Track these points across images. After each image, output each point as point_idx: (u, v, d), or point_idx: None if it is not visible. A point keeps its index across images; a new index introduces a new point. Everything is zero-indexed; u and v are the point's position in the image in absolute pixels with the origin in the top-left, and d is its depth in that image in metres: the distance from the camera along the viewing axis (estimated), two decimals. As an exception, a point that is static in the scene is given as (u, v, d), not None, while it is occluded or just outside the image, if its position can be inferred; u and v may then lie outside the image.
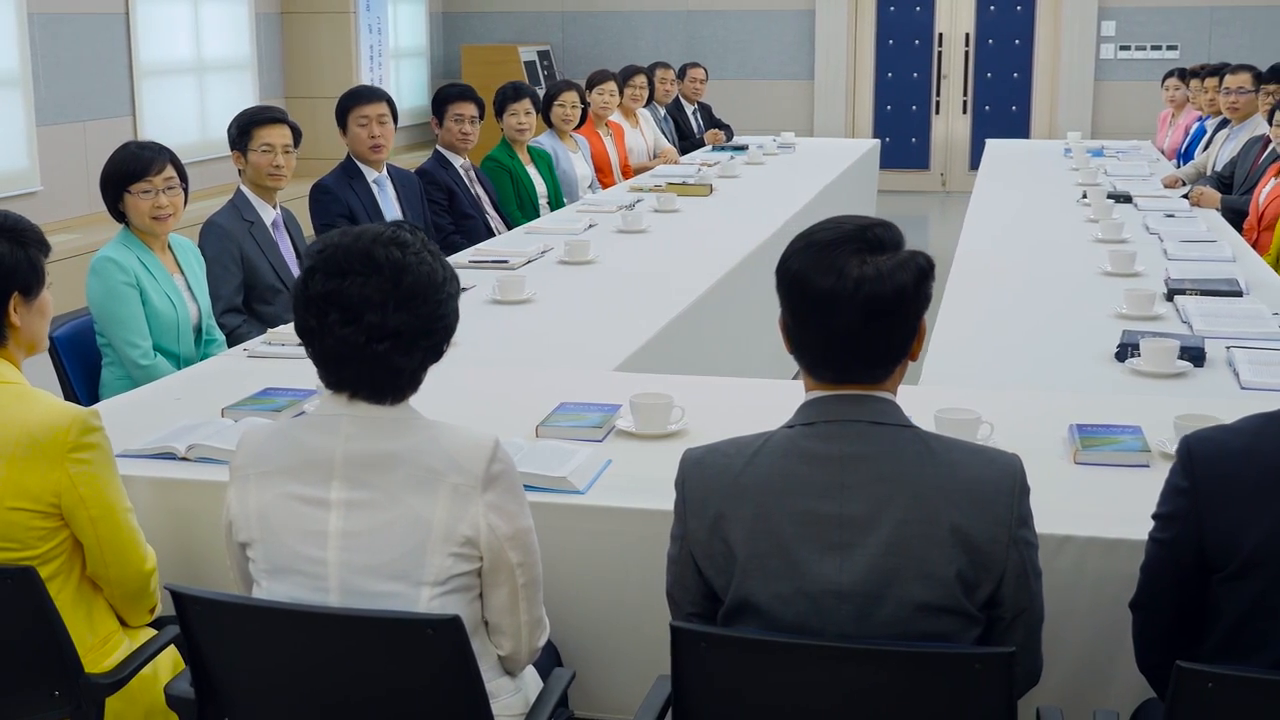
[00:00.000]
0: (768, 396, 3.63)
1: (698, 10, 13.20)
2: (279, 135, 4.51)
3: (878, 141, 9.93)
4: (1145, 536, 2.45)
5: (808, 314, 2.00)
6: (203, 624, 2.15)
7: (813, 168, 8.19)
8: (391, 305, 2.09)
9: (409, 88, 12.47)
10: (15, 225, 2.42)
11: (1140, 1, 12.47)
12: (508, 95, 6.60)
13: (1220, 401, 3.23)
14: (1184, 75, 9.14)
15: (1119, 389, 3.46)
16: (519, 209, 6.48)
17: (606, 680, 2.64)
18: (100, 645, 2.44)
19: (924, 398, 3.23)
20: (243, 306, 4.45)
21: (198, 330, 4.01)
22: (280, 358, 3.73)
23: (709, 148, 9.33)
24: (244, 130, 4.51)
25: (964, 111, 13.18)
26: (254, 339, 3.95)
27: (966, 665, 1.94)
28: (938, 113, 13.24)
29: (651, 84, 8.81)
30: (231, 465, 2.23)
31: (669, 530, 2.65)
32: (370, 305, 2.09)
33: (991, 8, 12.94)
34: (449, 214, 5.88)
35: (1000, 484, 2.00)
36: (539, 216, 6.57)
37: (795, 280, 1.99)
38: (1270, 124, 6.01)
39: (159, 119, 9.33)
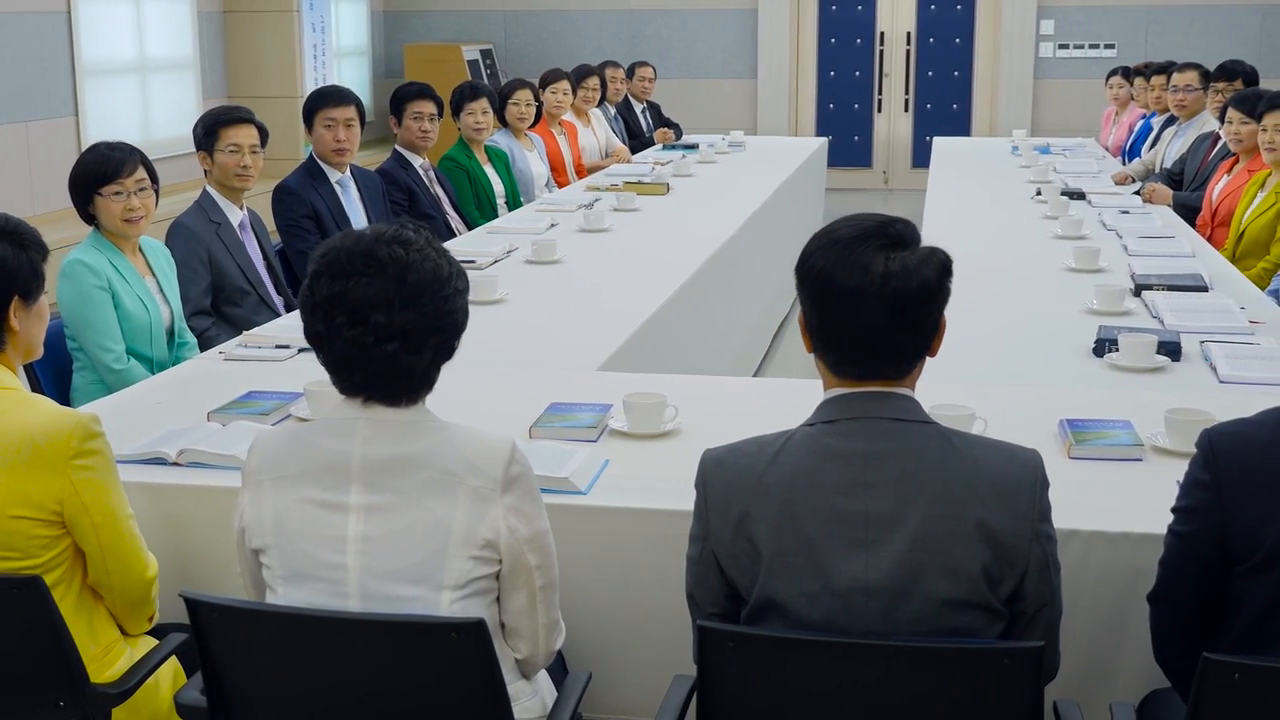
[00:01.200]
0: (759, 394, 3.66)
1: (640, 9, 13.20)
2: (246, 135, 4.46)
3: (826, 140, 9.97)
4: (1148, 530, 2.50)
5: (833, 311, 2.00)
6: (217, 631, 2.12)
7: (765, 166, 8.21)
8: (398, 304, 2.07)
9: (351, 87, 12.35)
10: (16, 228, 2.38)
11: (1078, 1, 12.61)
12: (464, 94, 6.57)
13: (1200, 395, 3.28)
14: (1128, 73, 9.25)
15: (1099, 384, 3.50)
16: (477, 209, 6.45)
17: (614, 681, 2.62)
18: (102, 655, 2.39)
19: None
20: (211, 309, 4.40)
21: (170, 333, 3.96)
22: (257, 360, 3.70)
23: (659, 146, 9.33)
24: (210, 130, 4.45)
25: (906, 110, 13.27)
26: (229, 341, 3.91)
27: (996, 661, 1.95)
28: (880, 111, 13.32)
29: (604, 83, 8.80)
30: (244, 471, 2.19)
31: (671, 530, 2.67)
32: (376, 305, 2.07)
33: (932, 7, 13.04)
34: (409, 214, 5.83)
35: (1023, 479, 2.01)
36: (497, 216, 6.54)
37: (820, 278, 2.00)
38: (1222, 121, 6.09)
39: (102, 119, 9.19)
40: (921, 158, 13.27)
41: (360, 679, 2.08)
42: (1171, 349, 3.60)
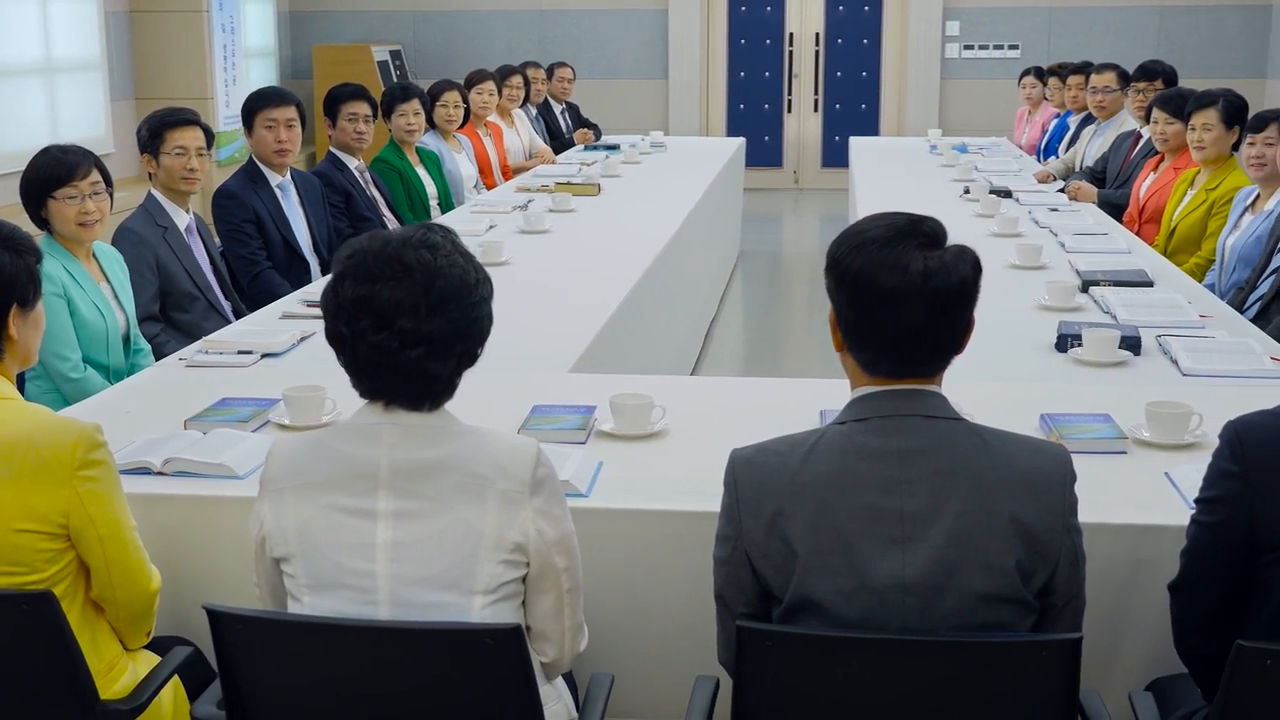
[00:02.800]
0: (741, 394, 3.66)
1: (551, 10, 13.16)
2: (192, 137, 4.38)
3: (743, 140, 10.02)
4: (1148, 521, 2.55)
5: (874, 311, 2.01)
6: (240, 643, 2.08)
7: (689, 166, 8.23)
8: (424, 310, 2.05)
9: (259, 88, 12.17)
10: (11, 234, 2.31)
11: (983, 2, 12.82)
12: (395, 96, 6.51)
13: (1166, 388, 3.35)
14: (1040, 74, 9.42)
15: (1065, 379, 3.56)
16: (410, 211, 6.39)
17: (628, 683, 2.61)
18: (106, 671, 2.33)
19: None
20: (159, 314, 4.31)
21: (125, 339, 3.87)
22: (220, 366, 3.63)
23: (581, 147, 9.32)
24: (155, 133, 4.37)
25: (815, 110, 13.38)
26: (188, 347, 3.83)
27: (1034, 653, 1.98)
28: (790, 111, 13.43)
29: (527, 83, 8.76)
30: (263, 478, 2.15)
31: (669, 530, 2.68)
32: (403, 310, 2.04)
33: (840, 8, 13.17)
34: (346, 216, 5.76)
35: (1053, 474, 2.04)
36: (430, 218, 6.49)
37: (858, 279, 2.01)
38: (1148, 120, 6.22)
39: (8, 120, 8.95)
40: (831, 157, 13.44)
41: (391, 688, 2.05)
42: (1132, 343, 3.67)
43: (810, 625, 2.03)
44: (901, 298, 1.98)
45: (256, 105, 5.11)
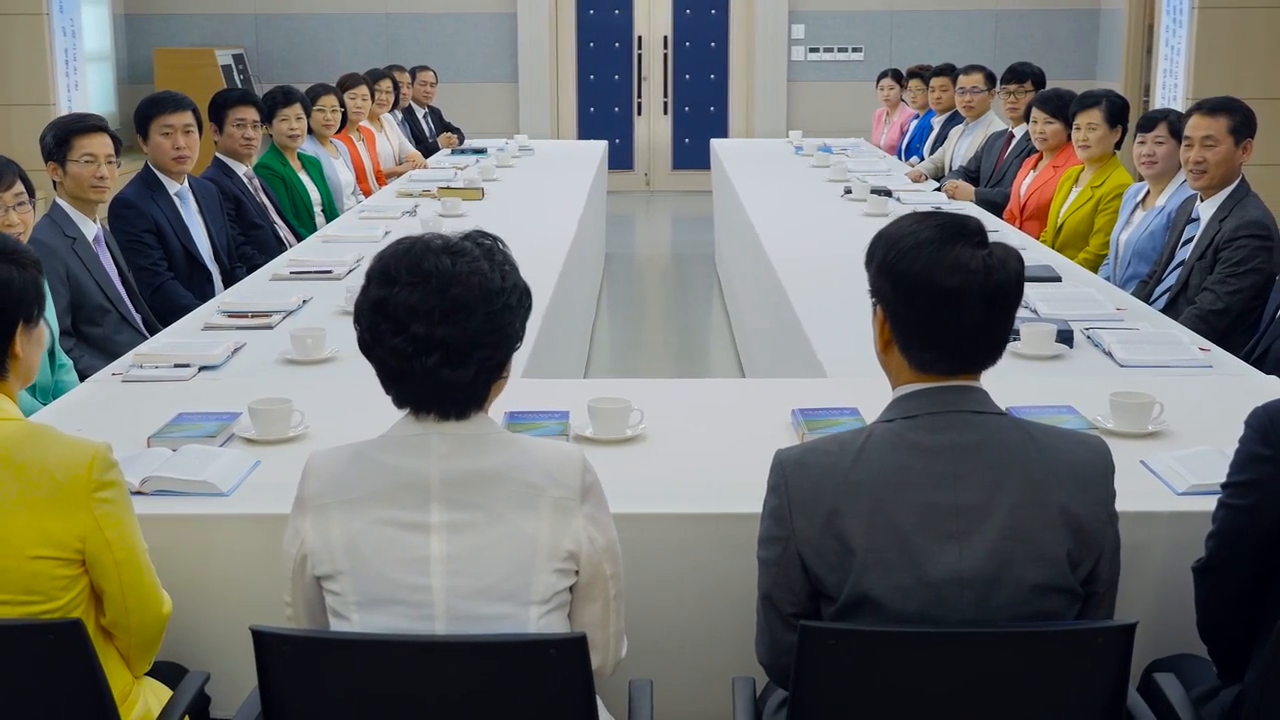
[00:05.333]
0: (712, 395, 3.66)
1: (397, 13, 13.00)
2: (101, 145, 4.23)
3: (605, 143, 10.02)
4: (1140, 508, 2.63)
5: (934, 311, 2.04)
6: (287, 665, 2.01)
7: (562, 170, 8.23)
8: (437, 315, 2.02)
9: (96, 93, 11.78)
10: (15, 248, 2.20)
11: (827, 6, 13.04)
12: (278, 100, 6.37)
13: (1108, 379, 3.47)
14: (898, 76, 9.62)
15: (1005, 373, 3.59)
16: (295, 218, 6.26)
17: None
18: (121, 701, 2.24)
19: (858, 388, 3.33)
20: (71, 329, 4.14)
21: (50, 354, 3.71)
22: (158, 380, 3.51)
23: (447, 151, 9.23)
24: (62, 140, 4.20)
25: (665, 112, 13.47)
26: (119, 360, 3.69)
27: (1091, 640, 2.02)
28: (640, 114, 13.48)
29: (397, 87, 8.65)
30: (303, 495, 2.09)
31: (661, 534, 2.67)
32: (416, 315, 2.02)
33: (687, 11, 13.26)
34: (238, 224, 5.62)
35: (1097, 465, 2.10)
36: (314, 225, 6.38)
37: (919, 280, 2.03)
38: (1026, 120, 6.41)
39: None
40: (682, 159, 13.54)
41: (449, 704, 2.01)
42: (1066, 337, 3.78)
43: (870, 622, 2.05)
44: (963, 296, 2.01)
45: (152, 111, 4.95)
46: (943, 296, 2.02)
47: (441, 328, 2.02)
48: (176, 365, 3.59)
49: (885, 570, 2.04)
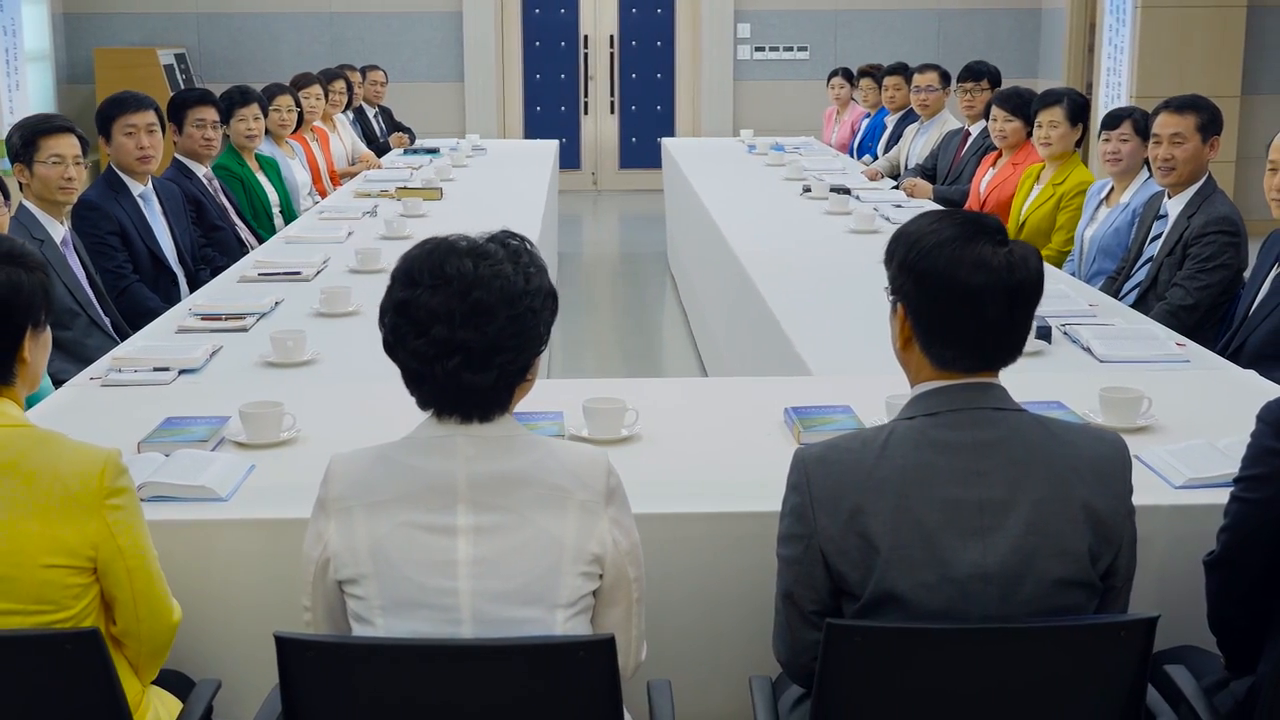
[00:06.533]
0: (704, 395, 3.66)
1: (342, 12, 12.90)
2: (68, 145, 4.16)
3: (557, 142, 10.00)
4: (1134, 503, 2.65)
5: (957, 309, 2.05)
6: (311, 671, 1.99)
7: (518, 168, 8.22)
8: (458, 318, 2.00)
9: (36, 93, 11.60)
10: (22, 251, 2.16)
11: (772, 5, 13.08)
12: (234, 100, 6.29)
13: (1089, 375, 3.50)
14: (849, 75, 9.67)
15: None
16: (253, 219, 6.19)
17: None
18: (133, 710, 2.20)
19: (847, 386, 3.35)
20: (40, 333, 4.07)
21: (24, 360, 3.65)
22: (140, 385, 3.46)
23: (399, 151, 9.17)
24: (28, 141, 4.13)
25: (612, 111, 13.46)
26: (96, 364, 3.64)
27: (1114, 634, 2.04)
28: (586, 113, 13.47)
29: (350, 87, 8.58)
30: (326, 498, 2.06)
31: (659, 534, 2.66)
32: (437, 317, 2.01)
33: (633, 10, 13.27)
34: (199, 226, 5.55)
35: (1116, 460, 2.12)
36: (273, 226, 6.32)
37: (942, 278, 2.04)
38: (986, 118, 6.46)
39: None
40: (629, 159, 13.55)
41: (477, 709, 1.99)
42: (1044, 332, 3.81)
43: (895, 619, 2.06)
44: (987, 294, 2.02)
45: (113, 112, 4.87)
46: (966, 294, 2.03)
47: (462, 330, 2.00)
48: (156, 369, 3.54)
49: (910, 567, 2.04)
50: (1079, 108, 5.66)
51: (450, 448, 2.03)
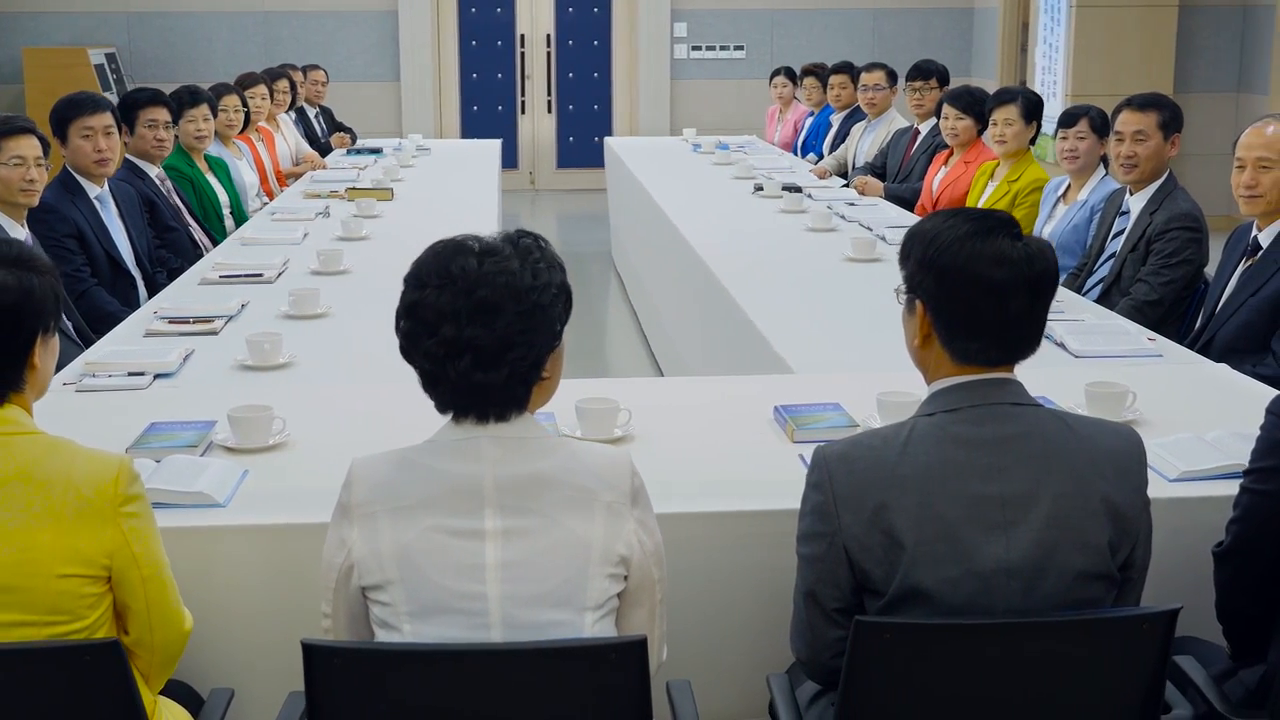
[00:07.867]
0: (694, 394, 3.65)
1: (275, 11, 12.77)
2: (29, 147, 4.10)
3: (499, 141, 9.95)
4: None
5: (979, 303, 2.06)
6: (339, 679, 1.97)
7: (463, 167, 8.19)
8: (464, 317, 1.99)
9: (-36, 94, 11.41)
10: (29, 254, 2.12)
11: (709, 4, 13.12)
12: (184, 100, 6.20)
13: (1066, 371, 3.54)
14: (791, 74, 9.71)
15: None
16: (204, 220, 6.11)
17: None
18: (147, 720, 2.17)
19: (833, 385, 3.36)
20: (3, 338, 3.99)
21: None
22: (115, 390, 3.41)
23: (341, 151, 9.09)
24: (-11, 142, 4.05)
25: (549, 111, 13.43)
26: (70, 369, 3.57)
27: (1135, 626, 2.07)
28: (524, 113, 13.43)
29: (294, 87, 8.49)
30: (348, 503, 2.03)
31: (677, 534, 2.65)
32: (445, 317, 1.99)
33: (570, 9, 13.25)
34: (152, 227, 5.46)
35: (1132, 454, 2.15)
36: (224, 227, 6.24)
37: (963, 273, 2.05)
38: (937, 116, 6.51)
39: None
40: (567, 158, 13.52)
41: (507, 714, 1.98)
42: (1019, 329, 3.84)
43: (920, 614, 2.07)
44: (1009, 287, 2.05)
45: (69, 114, 4.79)
46: (990, 288, 2.05)
47: (470, 328, 1.99)
48: (131, 374, 3.48)
49: (935, 563, 2.05)
50: (1034, 106, 5.73)
51: (475, 450, 2.01)
